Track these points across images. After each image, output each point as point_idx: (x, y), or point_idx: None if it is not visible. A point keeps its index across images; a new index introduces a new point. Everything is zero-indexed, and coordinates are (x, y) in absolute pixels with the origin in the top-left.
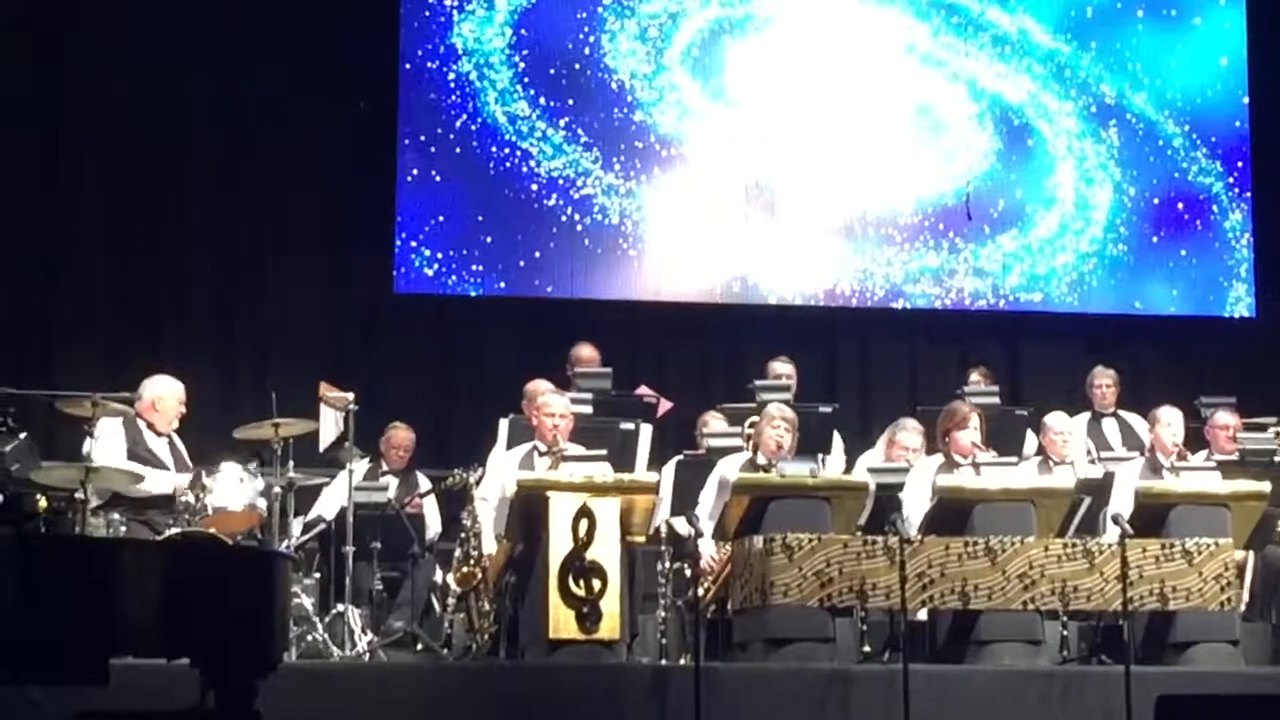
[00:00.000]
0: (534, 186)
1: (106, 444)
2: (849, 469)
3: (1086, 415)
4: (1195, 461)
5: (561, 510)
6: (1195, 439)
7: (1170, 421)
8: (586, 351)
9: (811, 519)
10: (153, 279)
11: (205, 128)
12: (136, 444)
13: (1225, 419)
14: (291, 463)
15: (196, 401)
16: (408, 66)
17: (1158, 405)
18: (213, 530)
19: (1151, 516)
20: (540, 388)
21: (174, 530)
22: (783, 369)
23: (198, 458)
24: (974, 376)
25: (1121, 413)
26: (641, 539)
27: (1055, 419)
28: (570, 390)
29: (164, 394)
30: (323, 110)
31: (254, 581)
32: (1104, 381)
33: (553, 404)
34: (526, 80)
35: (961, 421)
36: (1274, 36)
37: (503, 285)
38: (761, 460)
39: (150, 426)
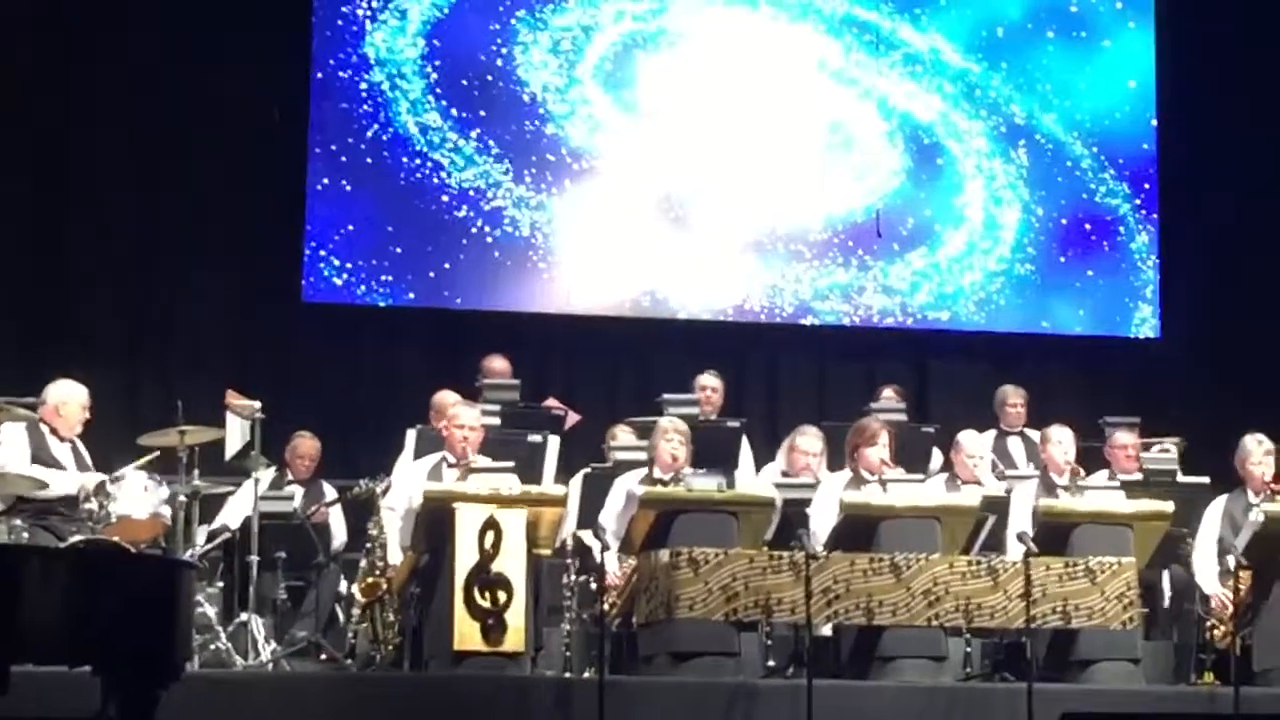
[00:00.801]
0: (445, 197)
1: (9, 449)
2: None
3: (993, 433)
4: (1096, 481)
5: (468, 522)
6: (1096, 458)
7: (1061, 440)
8: (498, 363)
9: (718, 533)
10: (59, 284)
11: (114, 132)
12: (40, 449)
13: (1124, 438)
14: (197, 471)
15: (102, 408)
16: (319, 75)
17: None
18: (116, 538)
19: (1055, 535)
20: (449, 399)
21: (77, 538)
22: (710, 382)
23: (102, 465)
24: (886, 393)
25: (1027, 431)
26: (548, 551)
27: (968, 439)
28: (479, 401)
29: (67, 399)
30: (234, 118)
31: (157, 590)
32: (1016, 401)
33: (464, 416)
34: (438, 91)
35: (870, 438)
36: (1182, 60)
37: (412, 296)
38: (658, 474)
39: (54, 432)
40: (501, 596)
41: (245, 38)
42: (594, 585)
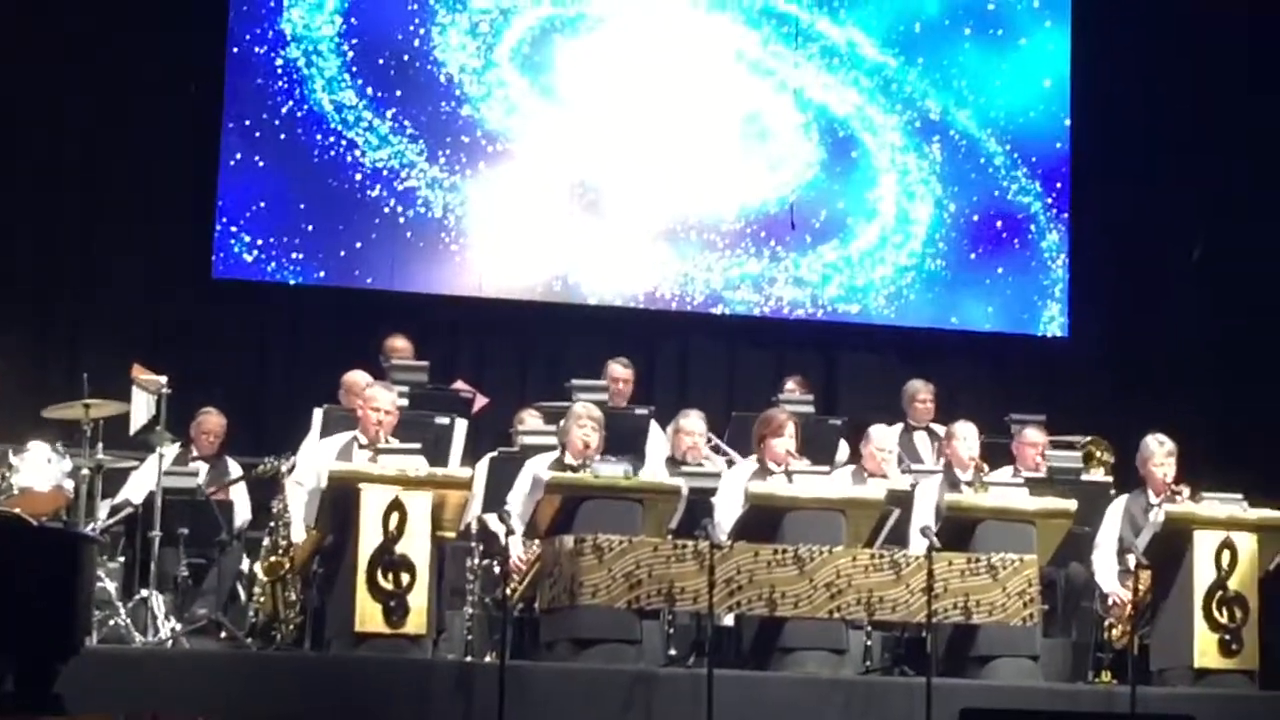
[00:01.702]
0: (358, 176)
1: None
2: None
3: (900, 427)
4: (1001, 477)
5: (373, 503)
6: (1003, 454)
7: (965, 436)
8: (400, 342)
9: (623, 521)
10: None
11: (26, 101)
12: None
13: (1034, 436)
14: (101, 444)
15: (4, 379)
16: (235, 50)
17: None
18: (18, 510)
19: (958, 530)
20: (361, 379)
21: None
22: (620, 372)
23: (8, 436)
24: (789, 385)
25: (934, 426)
26: (452, 534)
27: (878, 432)
28: (387, 382)
29: None
30: (148, 91)
31: (57, 563)
32: (925, 396)
33: (380, 399)
34: (355, 70)
35: (777, 429)
36: (1097, 60)
37: (322, 274)
38: (570, 460)
39: None
40: (404, 578)
41: (161, 9)
42: (498, 569)
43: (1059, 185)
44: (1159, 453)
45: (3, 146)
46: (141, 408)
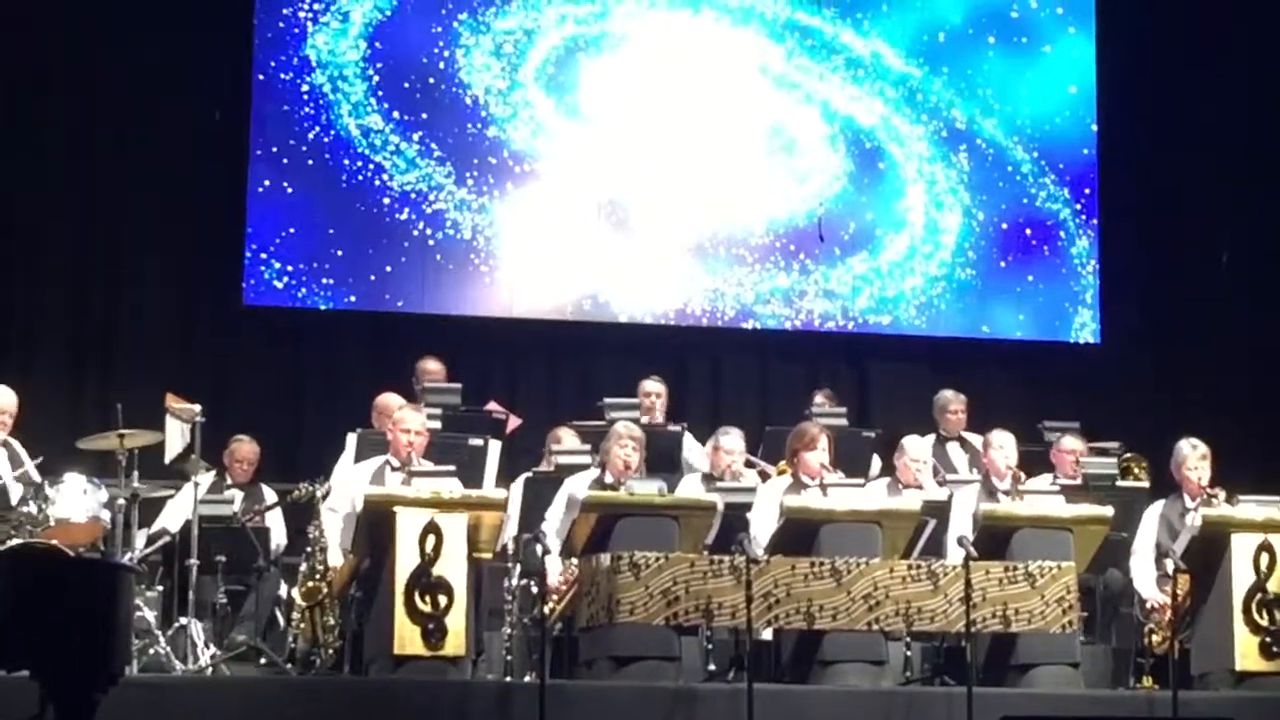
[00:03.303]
0: (386, 200)
1: None
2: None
3: (933, 437)
4: (1038, 485)
5: (409, 525)
6: (1038, 462)
7: (1002, 445)
8: (432, 364)
9: (659, 538)
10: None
11: (57, 134)
12: None
13: (1072, 444)
14: (136, 474)
15: (42, 412)
16: (261, 77)
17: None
18: (55, 541)
19: (995, 539)
20: (393, 402)
21: (15, 541)
22: (653, 388)
23: (43, 468)
24: (818, 398)
25: (967, 435)
26: (489, 555)
27: (912, 443)
28: (419, 404)
29: None
30: (174, 119)
31: (96, 593)
32: (956, 407)
33: (409, 420)
34: (380, 94)
35: (810, 443)
36: (1122, 65)
37: (353, 299)
38: (609, 479)
39: None
40: (442, 600)
41: (186, 39)
42: (535, 589)
43: (1087, 191)
44: (1192, 456)
45: (32, 177)
46: (176, 436)
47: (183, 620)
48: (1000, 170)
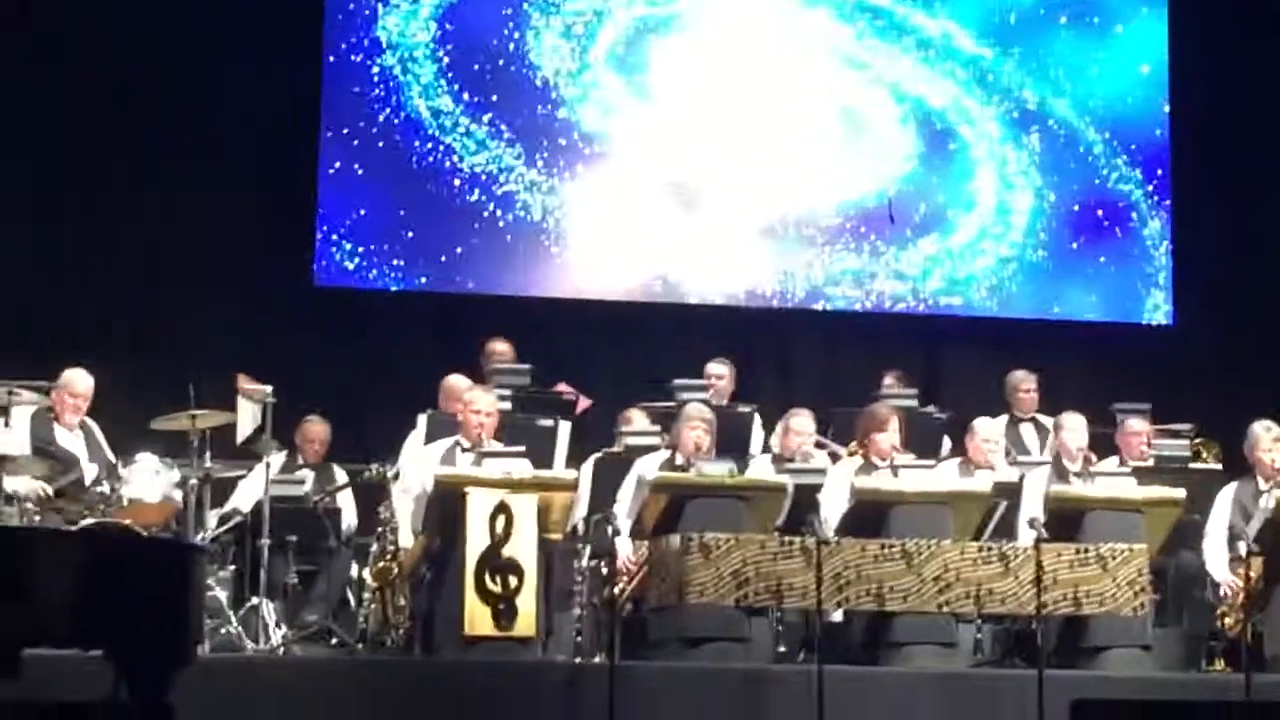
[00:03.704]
0: (456, 182)
1: (9, 436)
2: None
3: (1005, 419)
4: (1107, 467)
5: (479, 506)
6: (1109, 444)
7: (1074, 427)
8: (500, 345)
9: (729, 519)
10: (73, 270)
11: (126, 116)
12: (42, 436)
13: (1138, 425)
14: (208, 454)
15: (113, 391)
16: (331, 59)
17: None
18: (128, 521)
19: (1066, 521)
20: (461, 384)
21: (88, 521)
22: (716, 370)
23: (116, 449)
24: (888, 379)
25: (1039, 417)
26: (558, 536)
27: (984, 425)
28: (489, 386)
29: (61, 386)
30: (246, 101)
31: (168, 573)
32: (1028, 386)
33: (480, 401)
34: (450, 75)
35: (881, 424)
36: (1195, 45)
37: (424, 280)
38: (680, 460)
39: (58, 418)
40: (512, 581)
41: (257, 21)
42: (605, 570)
43: (1159, 172)
44: (1265, 438)
45: (106, 157)
46: (247, 417)
47: (254, 600)
48: (1072, 151)
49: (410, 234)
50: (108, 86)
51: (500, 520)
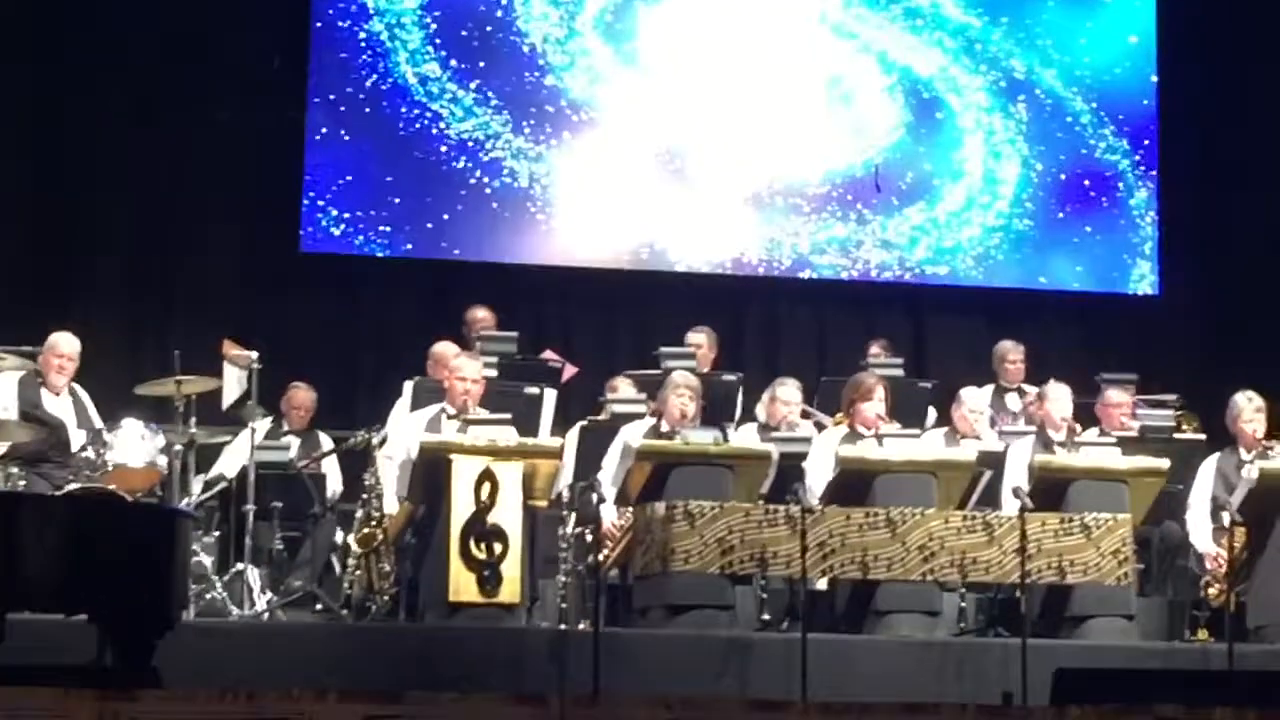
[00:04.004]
0: (443, 148)
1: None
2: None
3: (990, 388)
4: (1092, 437)
5: (464, 473)
6: (1095, 415)
7: (1058, 397)
8: (481, 312)
9: (714, 487)
10: (57, 233)
11: (113, 81)
12: (30, 400)
13: (1117, 397)
14: (193, 420)
15: (99, 357)
16: (319, 25)
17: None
18: (113, 487)
19: (1051, 491)
20: (449, 350)
21: (74, 486)
22: (695, 339)
23: (101, 414)
24: (874, 349)
25: (1025, 387)
26: (544, 503)
27: (970, 395)
28: (474, 353)
29: (46, 349)
30: (232, 67)
31: (153, 539)
32: (1015, 357)
33: (466, 369)
34: (438, 42)
35: (867, 393)
36: (1183, 16)
37: (410, 247)
38: (665, 428)
39: (45, 383)
40: (497, 548)
41: None
42: (590, 537)
43: (1146, 143)
44: (1248, 409)
45: (88, 126)
46: (233, 383)
47: (239, 566)
48: (1059, 121)
49: (397, 200)
50: (90, 49)
51: (485, 487)
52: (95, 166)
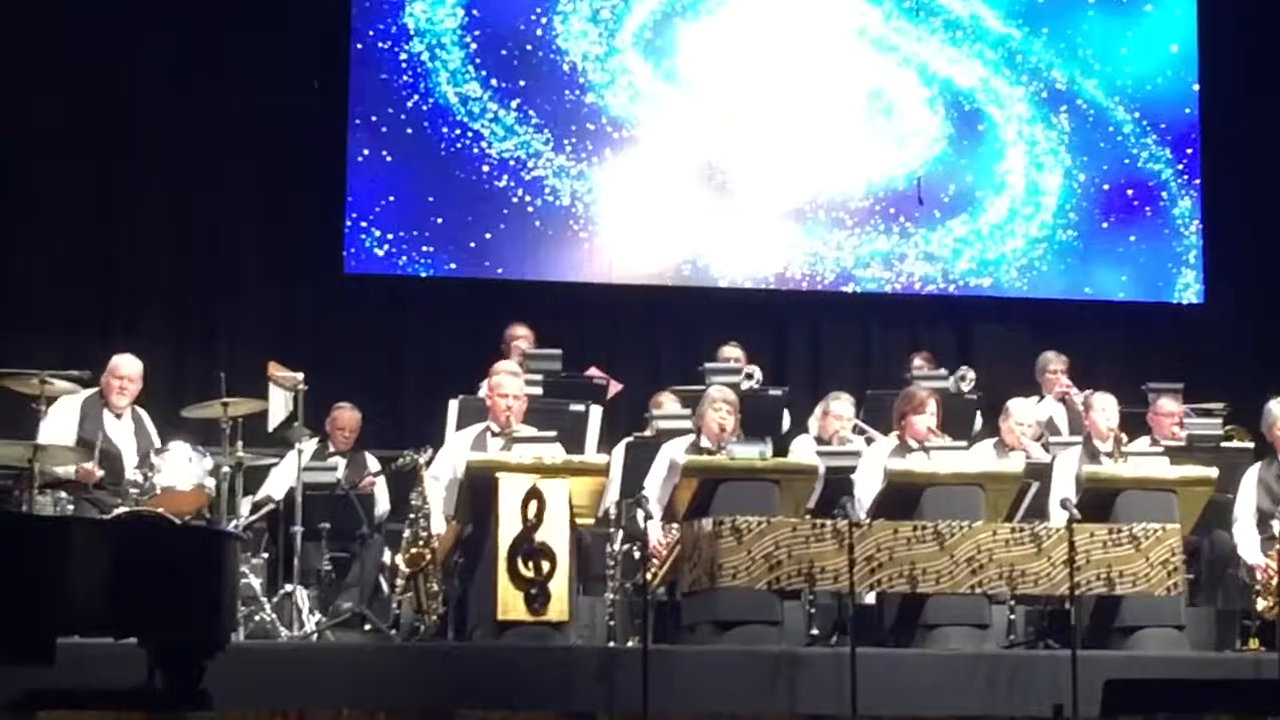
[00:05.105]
0: (485, 168)
1: (56, 423)
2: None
3: (1035, 400)
4: (1139, 447)
5: (511, 491)
6: (1142, 424)
7: (1104, 407)
8: (520, 329)
9: (760, 501)
10: (105, 257)
11: (158, 106)
12: (90, 424)
13: (1168, 406)
14: (240, 442)
15: (146, 380)
16: (359, 46)
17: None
18: (161, 510)
19: (1098, 501)
20: (500, 368)
21: (122, 509)
22: (732, 353)
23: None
24: (917, 360)
25: (1069, 397)
26: (590, 521)
27: (1018, 407)
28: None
29: (108, 370)
30: (276, 90)
31: (202, 561)
32: (1058, 367)
33: (507, 385)
34: (478, 61)
35: (919, 406)
36: (1224, 24)
37: (453, 266)
38: (705, 443)
39: (108, 404)
40: (545, 566)
41: (285, 9)
42: (637, 554)
43: (1189, 151)
44: None
45: (135, 150)
46: (279, 404)
47: (288, 587)
48: (1101, 131)
49: (439, 220)
50: (140, 80)
51: (532, 505)
52: (143, 192)
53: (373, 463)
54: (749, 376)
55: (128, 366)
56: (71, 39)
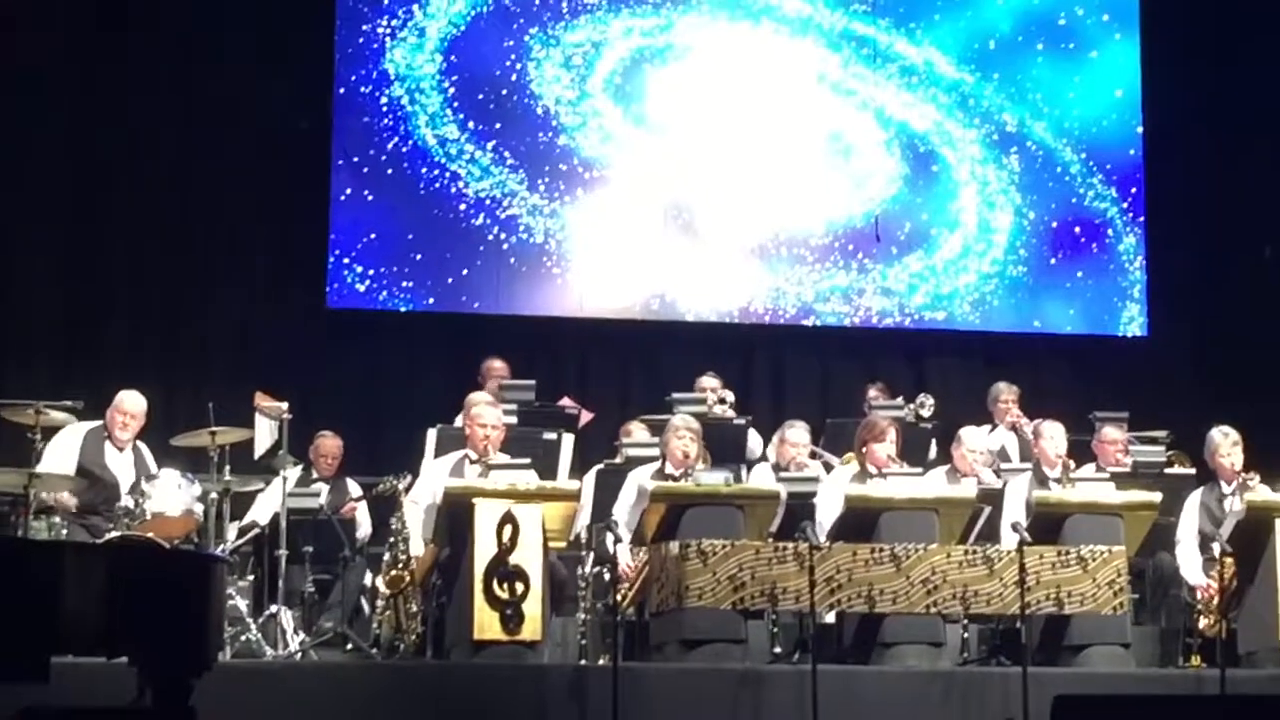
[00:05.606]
0: (462, 206)
1: (57, 453)
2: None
3: (988, 428)
4: (1084, 473)
5: (487, 516)
6: (1088, 452)
7: (1052, 435)
8: (497, 363)
9: (725, 526)
10: (95, 292)
11: (147, 146)
12: (91, 455)
13: (1112, 434)
14: (228, 469)
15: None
16: (342, 91)
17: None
18: (151, 534)
19: (1048, 525)
20: (477, 399)
21: (114, 534)
22: (709, 383)
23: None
24: (872, 391)
25: (1019, 426)
26: (562, 544)
27: (970, 435)
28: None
29: (112, 405)
30: (261, 132)
31: (190, 584)
32: (1009, 397)
33: (486, 416)
34: (456, 105)
35: (879, 434)
36: (1166, 70)
37: (431, 301)
38: (670, 470)
39: (110, 437)
40: (519, 587)
41: (272, 55)
42: (607, 576)
43: (1134, 190)
44: (1225, 443)
45: (127, 184)
46: (265, 433)
47: (273, 608)
48: (1050, 171)
49: (418, 257)
50: (127, 111)
51: (507, 529)
52: (133, 229)
53: (354, 488)
54: (722, 401)
55: (132, 403)
56: (71, 86)
